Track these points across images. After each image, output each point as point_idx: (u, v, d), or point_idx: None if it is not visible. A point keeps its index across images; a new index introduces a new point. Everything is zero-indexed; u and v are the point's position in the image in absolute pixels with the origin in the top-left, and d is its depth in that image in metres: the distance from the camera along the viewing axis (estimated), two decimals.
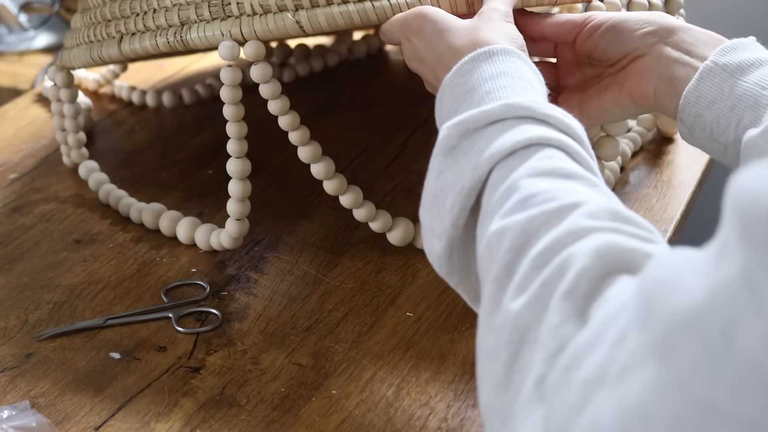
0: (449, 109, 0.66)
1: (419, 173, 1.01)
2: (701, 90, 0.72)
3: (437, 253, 0.64)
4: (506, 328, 0.50)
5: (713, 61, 0.72)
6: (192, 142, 1.12)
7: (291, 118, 0.84)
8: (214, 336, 0.81)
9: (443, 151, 0.63)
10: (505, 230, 0.54)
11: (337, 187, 0.87)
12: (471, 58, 0.67)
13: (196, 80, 1.25)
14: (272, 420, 0.72)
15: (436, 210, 0.63)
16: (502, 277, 0.53)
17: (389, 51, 1.34)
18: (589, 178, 0.57)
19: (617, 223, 0.52)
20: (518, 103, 0.61)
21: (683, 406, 0.39)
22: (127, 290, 0.87)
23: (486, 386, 0.51)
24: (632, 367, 0.42)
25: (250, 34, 0.81)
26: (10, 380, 0.76)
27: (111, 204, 0.99)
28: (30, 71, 1.39)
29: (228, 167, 0.86)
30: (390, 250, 0.91)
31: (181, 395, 0.74)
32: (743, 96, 0.71)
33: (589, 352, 0.45)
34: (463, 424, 0.71)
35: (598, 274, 0.49)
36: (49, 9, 1.50)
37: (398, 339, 0.80)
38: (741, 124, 0.70)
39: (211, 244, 0.90)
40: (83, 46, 0.94)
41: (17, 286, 0.88)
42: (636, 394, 0.41)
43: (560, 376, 0.46)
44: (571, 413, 0.44)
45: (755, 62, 0.72)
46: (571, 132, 0.61)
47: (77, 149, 1.04)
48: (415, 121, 1.14)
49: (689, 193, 0.98)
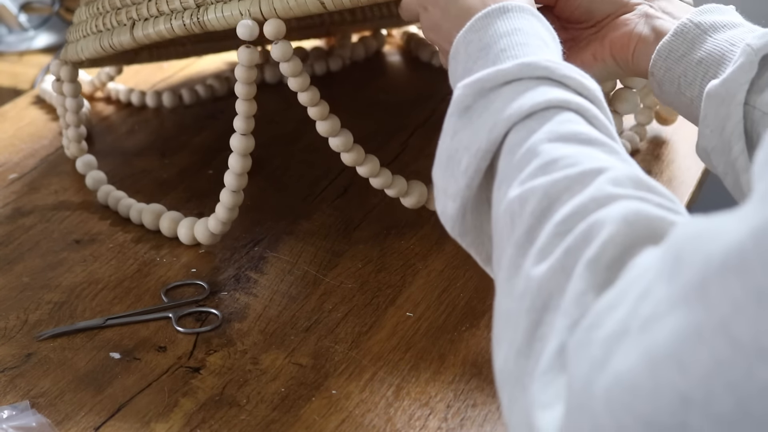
0: (464, 67, 0.65)
1: (419, 173, 1.01)
2: (674, 45, 0.75)
3: (450, 213, 0.62)
4: (528, 294, 0.50)
5: (689, 19, 0.75)
6: (192, 142, 1.12)
7: (311, 95, 0.83)
8: (214, 336, 0.81)
9: (458, 110, 0.62)
10: (527, 195, 0.54)
11: (355, 159, 0.87)
12: (484, 14, 0.66)
13: (196, 80, 1.25)
14: (272, 420, 0.72)
15: (450, 171, 0.62)
16: (522, 241, 0.52)
17: (387, 53, 1.34)
18: (610, 144, 0.56)
19: (641, 192, 0.51)
20: (535, 63, 0.60)
21: (723, 347, 0.38)
22: (127, 290, 0.87)
23: (504, 351, 0.51)
24: (658, 316, 0.41)
25: (269, 12, 0.80)
26: (10, 380, 0.76)
27: (110, 205, 0.99)
28: (30, 71, 1.39)
29: (231, 142, 0.86)
30: (390, 250, 0.91)
31: (181, 395, 0.74)
32: (712, 51, 0.73)
33: (611, 311, 0.44)
34: (463, 424, 0.71)
35: (624, 241, 0.48)
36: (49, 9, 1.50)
37: (398, 339, 0.80)
38: (707, 76, 0.73)
39: (196, 235, 0.90)
40: (91, 36, 0.93)
41: (17, 286, 0.88)
42: (665, 342, 0.40)
43: (581, 336, 0.44)
44: (593, 370, 0.42)
45: (729, 24, 0.75)
46: (589, 94, 0.60)
47: (77, 143, 1.04)
48: (415, 121, 1.14)
49: (689, 193, 0.98)
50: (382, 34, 1.34)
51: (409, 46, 1.33)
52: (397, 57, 1.33)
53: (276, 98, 0.83)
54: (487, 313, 0.83)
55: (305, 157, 1.05)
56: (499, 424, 0.71)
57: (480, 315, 0.82)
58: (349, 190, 1.01)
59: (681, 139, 1.07)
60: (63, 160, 1.08)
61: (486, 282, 0.86)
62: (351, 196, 1.00)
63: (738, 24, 0.75)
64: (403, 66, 1.31)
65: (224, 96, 1.21)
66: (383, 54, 1.34)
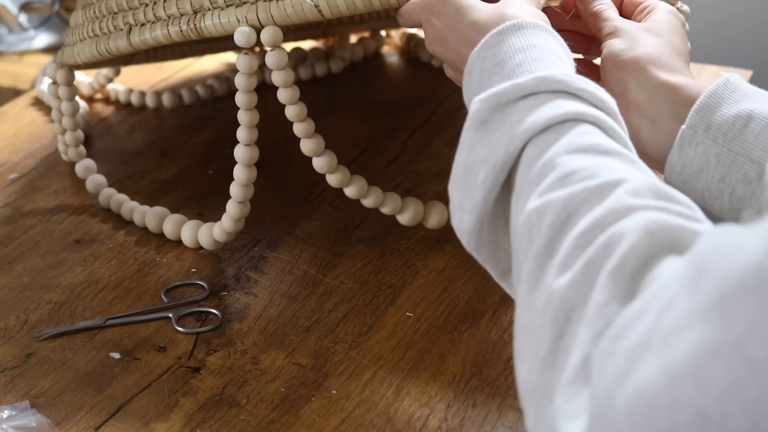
0: (478, 83, 0.65)
1: (419, 173, 1.02)
2: (685, 159, 0.68)
3: (466, 227, 0.63)
4: (551, 306, 0.50)
5: (691, 127, 0.68)
6: (192, 142, 1.12)
7: (299, 109, 0.84)
8: (214, 336, 0.81)
9: (474, 124, 0.62)
10: (545, 207, 0.54)
11: (340, 180, 0.86)
12: (499, 30, 0.66)
13: (196, 81, 1.25)
14: (272, 420, 0.72)
15: (467, 185, 0.62)
16: (543, 254, 0.52)
17: (386, 53, 1.34)
18: (627, 155, 0.56)
19: (661, 201, 0.51)
20: (551, 77, 0.60)
21: (738, 366, 0.38)
22: (127, 290, 0.87)
23: (527, 363, 0.51)
24: (679, 330, 0.41)
25: (267, 19, 0.80)
26: (10, 380, 0.76)
27: (113, 208, 0.98)
28: (30, 71, 1.39)
29: (236, 153, 0.85)
30: (390, 250, 0.91)
31: (181, 395, 0.74)
32: (731, 167, 0.67)
33: (636, 322, 0.44)
34: (463, 424, 0.71)
35: (646, 251, 0.48)
36: (49, 9, 1.51)
37: (398, 339, 0.80)
38: (734, 195, 0.67)
39: (200, 239, 0.90)
40: (88, 40, 0.93)
41: (17, 286, 0.88)
42: (684, 357, 0.40)
43: (605, 347, 0.45)
44: (616, 381, 0.43)
45: (738, 118, 0.67)
46: (605, 107, 0.60)
47: (75, 147, 1.04)
48: (415, 121, 1.14)
49: None
50: (381, 35, 1.34)
51: (409, 46, 1.33)
52: (396, 58, 1.33)
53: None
54: (487, 313, 0.83)
55: (305, 157, 1.05)
56: (499, 424, 0.71)
57: (480, 315, 0.83)
58: None
59: None
60: (62, 160, 1.08)
61: (486, 282, 0.86)
62: None
63: (747, 115, 0.67)
64: (403, 66, 1.31)
65: (224, 96, 1.22)
66: (382, 55, 1.34)
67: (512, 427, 0.71)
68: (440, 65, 1.28)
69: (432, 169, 1.04)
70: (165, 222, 0.94)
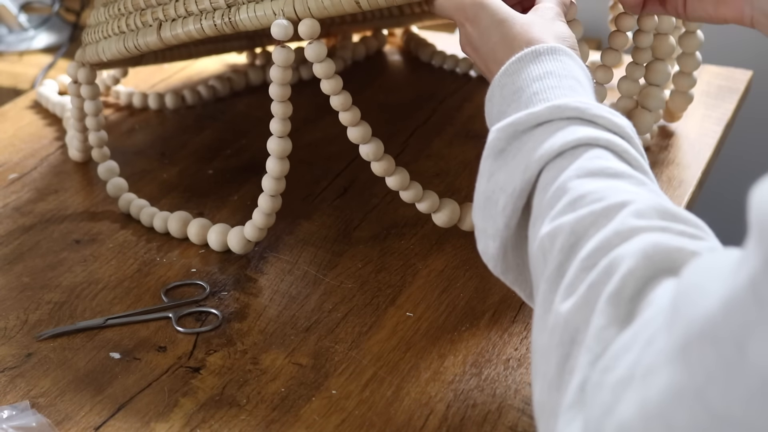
0: (498, 110, 0.67)
1: (419, 173, 1.01)
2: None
3: (492, 253, 0.64)
4: (557, 330, 0.51)
5: None
6: (192, 142, 1.12)
7: (343, 98, 0.83)
8: (214, 336, 0.81)
9: (493, 153, 0.63)
10: (556, 232, 0.55)
11: (385, 169, 0.86)
12: (518, 58, 0.67)
13: (195, 81, 1.25)
14: (272, 420, 0.72)
15: (489, 212, 0.63)
16: (554, 278, 0.54)
17: (388, 53, 1.34)
18: (637, 177, 0.57)
19: (665, 222, 0.52)
20: (565, 105, 0.61)
21: (701, 414, 0.39)
22: (127, 290, 0.87)
23: (539, 384, 0.52)
24: (655, 369, 0.42)
25: (304, 12, 0.79)
26: (10, 380, 0.76)
27: (132, 213, 0.97)
28: (30, 71, 1.39)
29: (269, 145, 0.85)
30: (390, 250, 0.91)
31: (181, 395, 0.74)
32: None
33: (625, 353, 0.45)
34: (463, 424, 0.71)
35: (644, 275, 0.49)
36: (49, 9, 1.51)
37: (398, 339, 0.80)
38: None
39: (229, 243, 0.90)
40: (113, 38, 0.92)
41: (17, 286, 0.88)
42: (656, 398, 0.41)
43: (597, 378, 0.46)
44: (603, 414, 0.44)
45: None
46: (620, 131, 0.61)
47: (99, 148, 1.02)
48: (416, 121, 1.14)
49: (689, 193, 0.98)
50: (383, 34, 1.34)
51: (410, 46, 1.33)
52: (398, 57, 1.33)
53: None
54: (487, 313, 0.83)
55: (305, 157, 1.05)
56: (499, 424, 0.71)
57: (480, 315, 0.83)
58: (349, 190, 1.01)
59: (681, 139, 1.07)
60: (63, 160, 1.08)
61: (486, 282, 0.86)
62: (351, 196, 1.00)
63: None
64: (404, 66, 1.31)
65: (225, 97, 1.22)
66: (384, 54, 1.34)
67: (512, 427, 0.71)
68: (440, 65, 1.28)
69: (432, 169, 1.04)
70: (190, 226, 0.93)
